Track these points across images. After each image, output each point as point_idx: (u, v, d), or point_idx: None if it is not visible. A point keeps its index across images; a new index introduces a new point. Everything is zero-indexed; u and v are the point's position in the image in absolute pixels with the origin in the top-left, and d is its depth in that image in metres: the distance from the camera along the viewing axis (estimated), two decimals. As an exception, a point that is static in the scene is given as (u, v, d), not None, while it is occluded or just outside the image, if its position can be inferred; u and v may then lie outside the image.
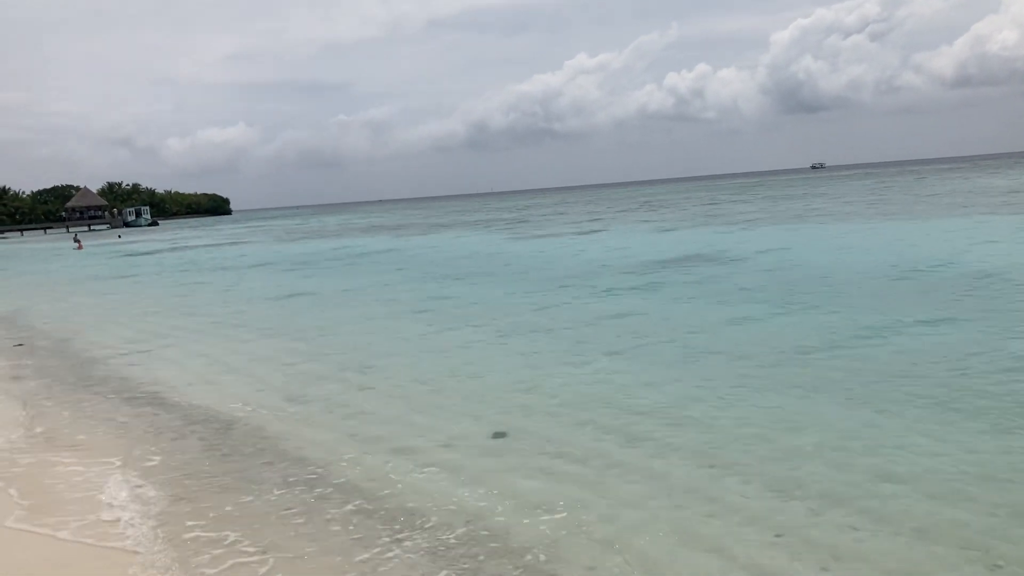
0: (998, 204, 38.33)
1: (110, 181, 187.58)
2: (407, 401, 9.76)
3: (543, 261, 27.38)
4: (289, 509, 6.54)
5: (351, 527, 6.10)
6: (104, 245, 73.13)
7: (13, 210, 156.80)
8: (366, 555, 5.60)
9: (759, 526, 5.76)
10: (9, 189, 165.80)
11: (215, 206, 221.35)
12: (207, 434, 8.86)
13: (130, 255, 51.98)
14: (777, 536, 5.59)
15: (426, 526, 6.05)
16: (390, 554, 5.61)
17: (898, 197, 52.88)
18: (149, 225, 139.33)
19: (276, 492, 6.94)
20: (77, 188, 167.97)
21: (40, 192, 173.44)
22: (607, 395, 9.42)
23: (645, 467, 7.05)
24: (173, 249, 55.76)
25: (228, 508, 6.62)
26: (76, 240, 73.11)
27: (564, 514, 6.14)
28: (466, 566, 5.38)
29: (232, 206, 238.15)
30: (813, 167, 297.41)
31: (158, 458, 8.07)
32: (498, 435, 8.23)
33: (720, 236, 32.37)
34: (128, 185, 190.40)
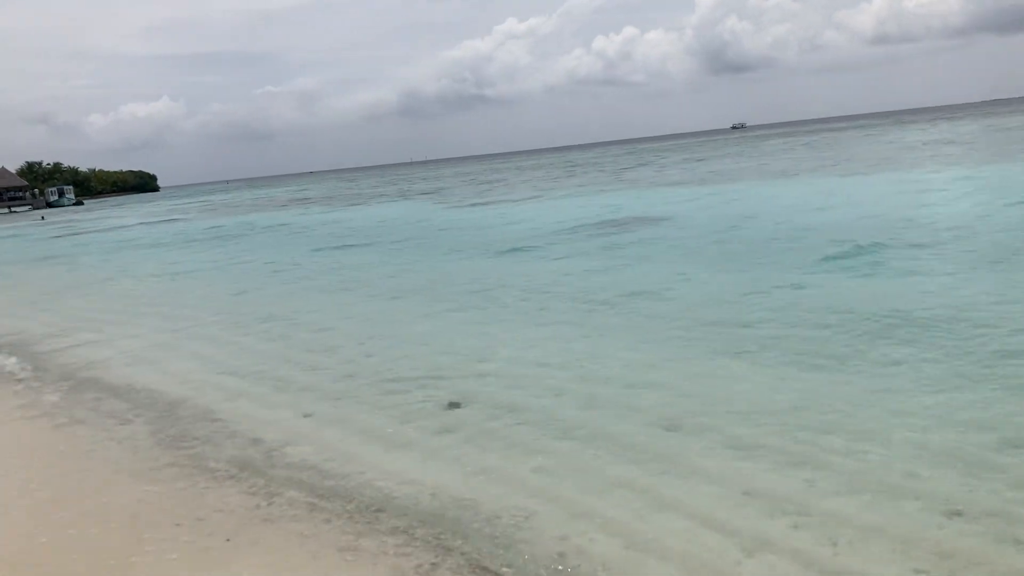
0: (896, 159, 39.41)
1: (29, 160, 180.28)
2: (355, 376, 9.57)
3: (479, 229, 27.18)
4: (245, 493, 6.35)
5: (313, 510, 5.94)
6: (27, 227, 70.43)
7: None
8: (332, 537, 5.47)
9: (726, 486, 5.79)
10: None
11: (142, 183, 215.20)
12: (153, 417, 8.56)
13: (55, 237, 50.11)
14: (745, 494, 5.63)
15: (391, 503, 5.94)
16: (356, 535, 5.48)
17: (816, 155, 53.92)
18: (74, 205, 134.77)
19: (230, 476, 6.75)
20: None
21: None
22: (558, 360, 9.39)
23: (604, 431, 7.03)
24: (101, 230, 53.95)
25: (182, 492, 6.42)
26: None
27: (529, 483, 6.09)
28: (435, 543, 5.30)
29: (160, 182, 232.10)
30: (734, 127, 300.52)
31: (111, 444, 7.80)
32: (453, 405, 8.14)
33: (647, 198, 32.58)
34: (49, 164, 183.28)
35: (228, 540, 5.54)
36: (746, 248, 16.85)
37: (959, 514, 5.09)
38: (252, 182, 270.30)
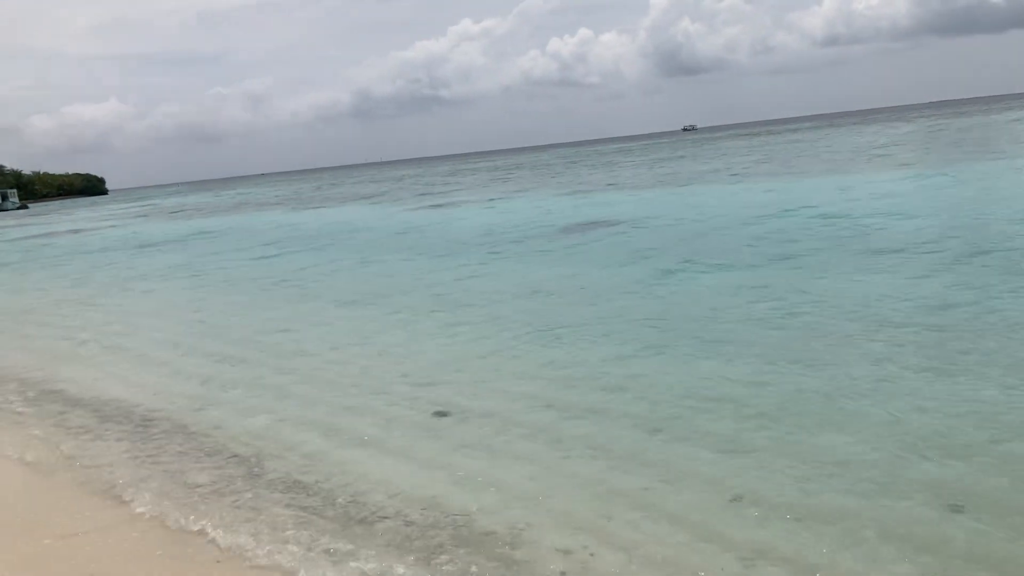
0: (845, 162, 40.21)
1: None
2: (336, 385, 9.41)
3: (444, 233, 26.96)
4: (231, 507, 6.20)
5: (304, 523, 5.82)
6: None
7: None
8: (326, 548, 5.36)
9: (715, 490, 5.80)
10: None
11: (89, 186, 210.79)
12: (126, 431, 8.33)
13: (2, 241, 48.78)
14: (734, 499, 5.64)
15: (383, 514, 5.84)
16: (349, 548, 5.38)
17: (766, 157, 54.78)
18: (18, 208, 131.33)
19: (214, 491, 6.58)
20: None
21: None
22: (540, 366, 9.35)
23: (591, 438, 7.00)
24: (52, 235, 52.63)
25: (166, 506, 6.25)
26: None
27: (521, 491, 6.03)
28: (429, 554, 5.22)
29: (108, 185, 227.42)
30: (685, 129, 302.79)
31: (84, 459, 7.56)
32: (440, 414, 8.05)
33: (606, 201, 32.76)
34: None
35: (219, 562, 5.40)
36: (709, 248, 16.96)
37: (960, 510, 5.15)
38: (203, 185, 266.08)
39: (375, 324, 12.66)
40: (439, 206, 40.52)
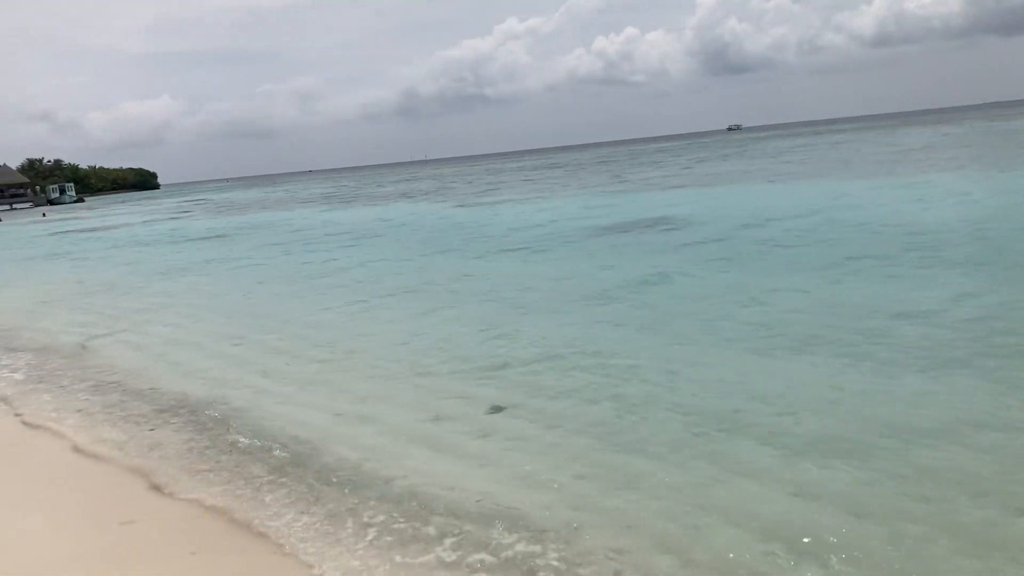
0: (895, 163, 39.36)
1: (30, 157, 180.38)
2: (390, 379, 9.48)
3: (493, 230, 27.00)
4: (286, 499, 6.30)
5: (364, 518, 5.88)
6: (28, 225, 70.32)
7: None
8: (382, 543, 5.43)
9: (775, 485, 5.75)
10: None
11: (142, 181, 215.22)
12: (182, 421, 8.50)
13: (60, 233, 50.04)
14: (795, 494, 5.59)
15: (435, 511, 5.88)
16: (401, 544, 5.44)
17: (814, 158, 53.88)
18: (75, 202, 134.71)
19: (270, 484, 6.69)
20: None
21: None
22: (594, 361, 9.31)
23: (649, 432, 6.98)
24: (106, 228, 53.87)
25: (226, 500, 6.37)
26: None
27: (576, 489, 6.04)
28: (484, 556, 5.24)
29: (160, 180, 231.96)
30: (730, 129, 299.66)
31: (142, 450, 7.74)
32: (495, 409, 8.08)
33: (653, 200, 32.53)
34: (50, 161, 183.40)
35: (274, 553, 5.50)
36: (762, 248, 16.75)
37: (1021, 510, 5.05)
38: (252, 180, 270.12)
39: (426, 319, 12.72)
40: (484, 204, 40.62)
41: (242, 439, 7.76)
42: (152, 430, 8.28)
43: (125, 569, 5.36)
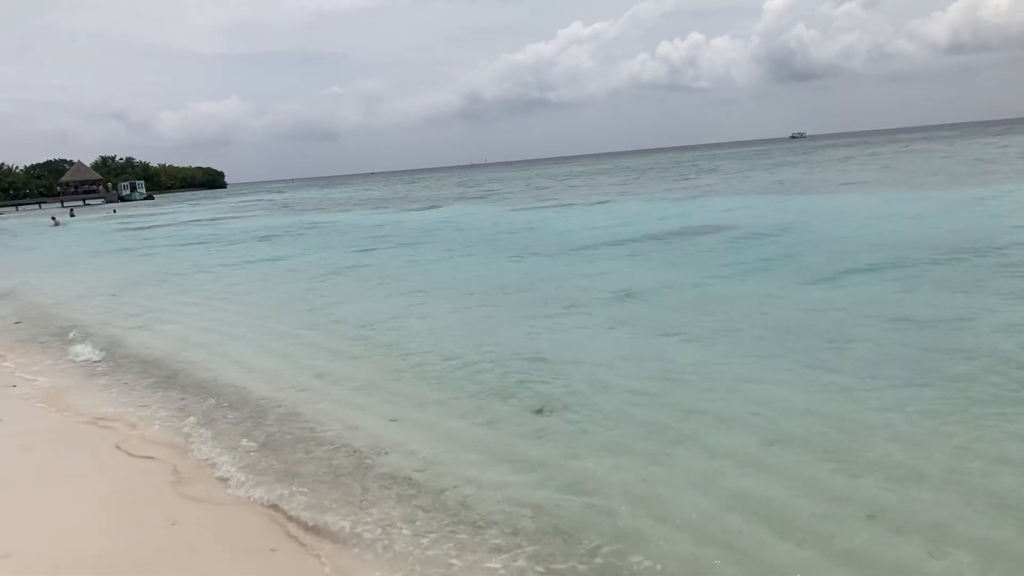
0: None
1: (104, 155, 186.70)
2: (440, 380, 9.37)
3: (550, 232, 26.86)
4: (341, 501, 6.21)
5: (413, 521, 5.77)
6: (98, 220, 72.53)
7: (7, 185, 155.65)
8: (436, 551, 5.29)
9: (846, 505, 5.46)
10: (3, 164, 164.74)
11: (210, 179, 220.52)
12: (240, 418, 8.50)
13: (126, 229, 51.44)
14: (870, 516, 5.29)
15: (491, 519, 5.72)
16: (459, 551, 5.29)
17: (882, 167, 52.38)
18: (144, 199, 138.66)
19: (323, 481, 6.62)
20: (71, 163, 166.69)
21: (34, 167, 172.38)
22: (648, 366, 9.10)
23: (706, 442, 6.73)
24: (173, 224, 55.20)
25: (277, 495, 6.31)
26: (53, 218, 72.41)
27: (630, 494, 5.84)
28: (537, 560, 5.07)
29: (227, 179, 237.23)
30: (793, 137, 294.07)
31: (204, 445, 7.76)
32: (540, 412, 7.91)
33: (716, 206, 31.98)
34: (122, 159, 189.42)
35: (325, 555, 5.40)
36: (830, 258, 16.23)
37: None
38: (315, 181, 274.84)
39: (481, 320, 12.62)
40: (547, 207, 40.48)
41: (297, 443, 7.71)
42: (208, 428, 8.29)
43: (179, 568, 5.32)
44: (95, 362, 11.93)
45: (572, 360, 9.69)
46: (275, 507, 6.20)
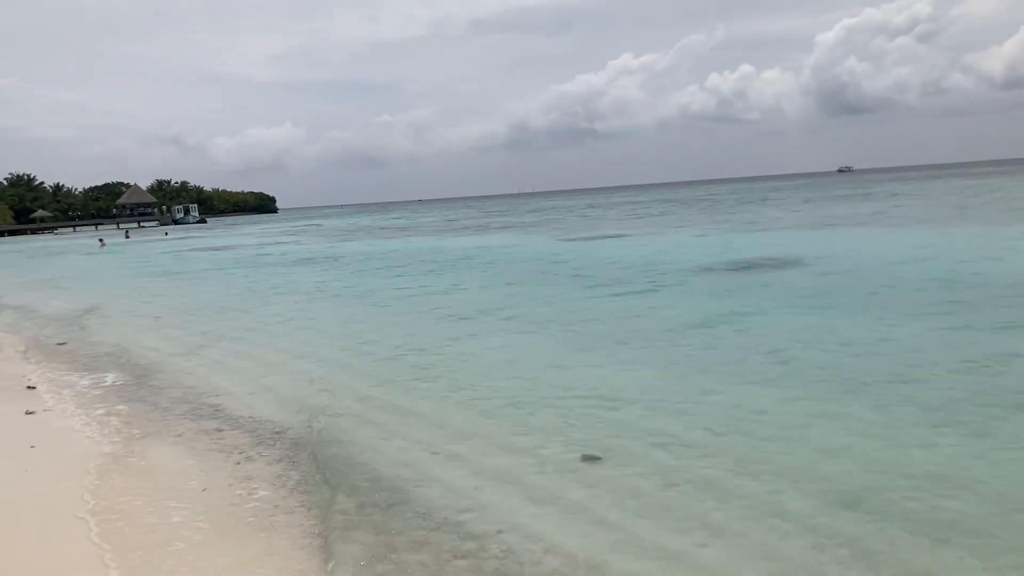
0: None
1: (159, 179, 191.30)
2: (488, 414, 8.97)
3: (602, 264, 26.34)
4: (372, 544, 5.82)
5: (452, 571, 5.36)
6: (151, 242, 73.85)
7: (66, 207, 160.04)
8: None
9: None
10: (63, 186, 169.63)
11: (261, 204, 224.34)
12: (275, 455, 8.16)
13: (177, 251, 52.16)
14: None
15: (535, 572, 5.29)
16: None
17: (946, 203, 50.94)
18: (197, 222, 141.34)
19: (353, 522, 6.23)
20: (128, 185, 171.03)
21: (92, 189, 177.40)
22: (707, 409, 8.56)
23: (773, 503, 6.19)
24: (223, 248, 55.85)
25: (304, 538, 5.94)
26: (100, 240, 74.19)
27: (687, 557, 5.36)
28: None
29: (278, 204, 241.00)
30: (840, 170, 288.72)
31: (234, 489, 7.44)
32: (589, 458, 7.43)
33: (771, 240, 31.24)
34: (177, 183, 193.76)
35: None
36: (891, 295, 15.54)
37: None
38: (364, 207, 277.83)
39: (529, 353, 12.19)
40: (597, 237, 40.02)
41: (333, 474, 7.36)
42: (243, 460, 7.98)
43: None
44: (130, 386, 11.74)
45: (626, 400, 9.22)
46: (298, 552, 5.83)
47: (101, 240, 74.75)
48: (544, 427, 8.39)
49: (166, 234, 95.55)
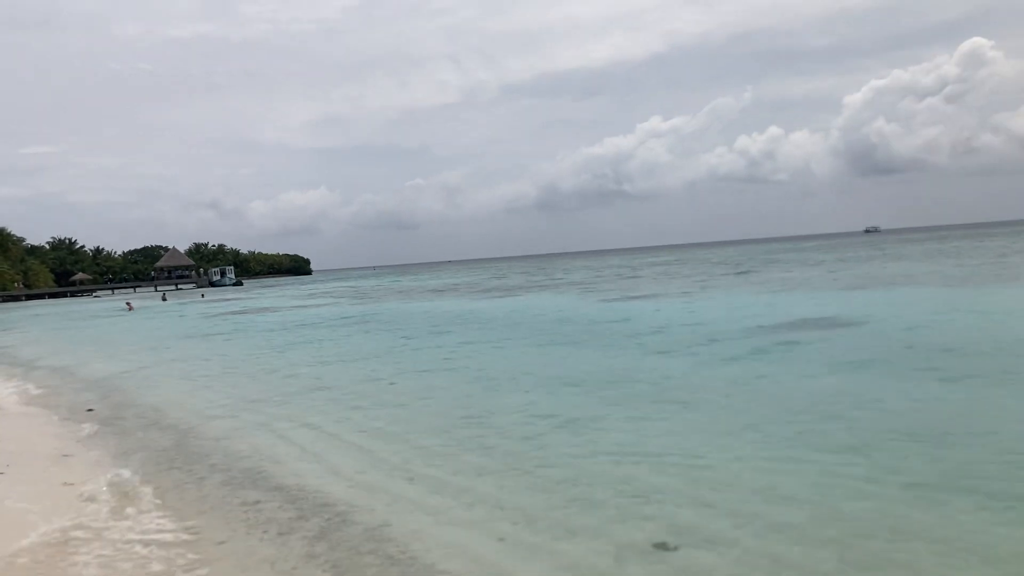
0: None
1: (197, 242, 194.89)
2: (548, 492, 8.26)
3: (647, 324, 25.58)
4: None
5: None
6: (188, 304, 74.36)
7: (105, 269, 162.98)
8: None
9: None
10: (103, 249, 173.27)
11: (296, 266, 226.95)
12: (314, 532, 7.53)
13: (215, 315, 52.25)
14: None
15: None
16: None
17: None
18: (234, 285, 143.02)
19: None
20: (166, 248, 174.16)
21: (131, 252, 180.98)
22: (789, 491, 7.81)
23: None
24: (260, 310, 55.91)
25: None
26: (127, 303, 74.42)
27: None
28: None
29: (312, 265, 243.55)
30: (867, 231, 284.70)
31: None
32: (664, 546, 6.69)
33: (814, 301, 30.38)
34: (214, 245, 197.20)
35: None
36: (940, 358, 14.70)
37: None
38: (396, 268, 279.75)
39: (588, 420, 11.45)
40: (635, 297, 39.27)
41: (377, 557, 6.71)
42: (280, 539, 7.36)
43: None
44: (167, 452, 11.22)
45: (697, 473, 8.49)
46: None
47: (128, 304, 75.00)
48: (609, 508, 7.67)
49: (202, 296, 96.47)
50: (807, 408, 11.43)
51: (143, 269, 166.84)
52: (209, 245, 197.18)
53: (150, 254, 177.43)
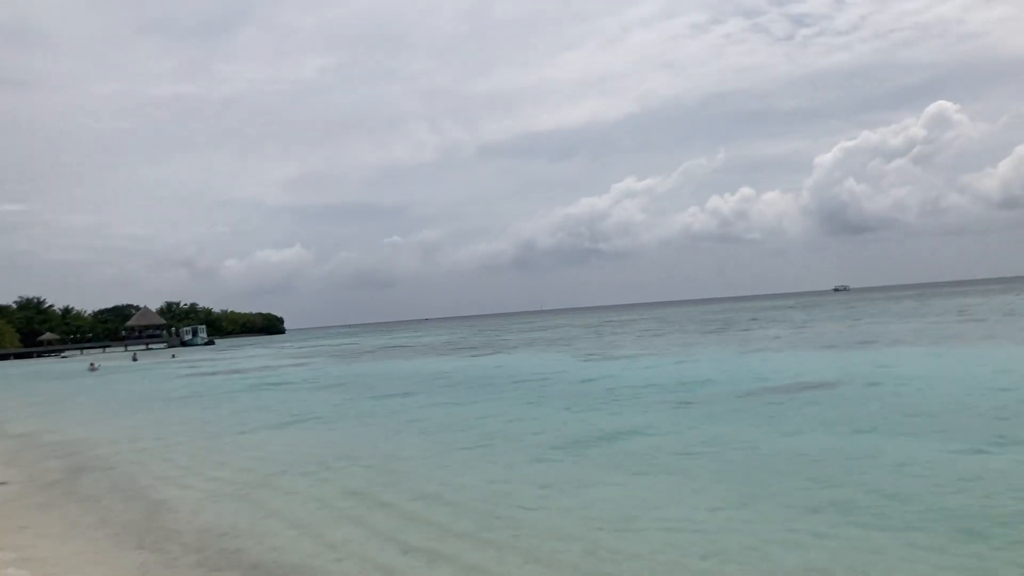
0: None
1: (169, 301, 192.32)
2: (548, 565, 7.91)
3: (632, 384, 25.33)
4: None
5: None
6: (157, 366, 73.07)
7: (74, 329, 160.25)
8: None
9: None
10: (72, 309, 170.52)
11: (269, 324, 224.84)
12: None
13: (185, 376, 51.29)
14: None
15: None
16: None
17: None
18: (205, 344, 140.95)
19: None
20: (137, 307, 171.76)
21: (101, 311, 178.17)
22: (809, 557, 7.53)
23: None
24: (230, 372, 54.95)
25: None
26: (92, 364, 72.27)
27: None
28: None
29: (286, 324, 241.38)
30: (836, 289, 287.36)
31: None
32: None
33: (779, 362, 30.38)
34: (186, 305, 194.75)
35: None
36: (931, 417, 14.59)
37: None
38: (371, 327, 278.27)
39: (576, 486, 11.11)
40: (618, 356, 39.03)
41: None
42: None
43: None
44: (136, 527, 10.68)
45: (714, 549, 8.18)
46: None
47: (92, 364, 72.78)
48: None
49: (173, 356, 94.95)
50: (791, 470, 11.18)
51: (113, 328, 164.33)
52: (181, 304, 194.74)
53: (121, 313, 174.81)
